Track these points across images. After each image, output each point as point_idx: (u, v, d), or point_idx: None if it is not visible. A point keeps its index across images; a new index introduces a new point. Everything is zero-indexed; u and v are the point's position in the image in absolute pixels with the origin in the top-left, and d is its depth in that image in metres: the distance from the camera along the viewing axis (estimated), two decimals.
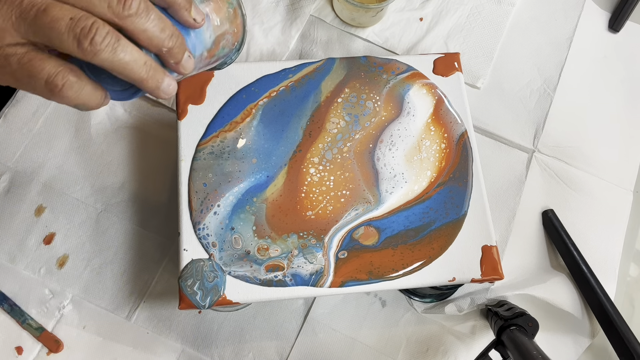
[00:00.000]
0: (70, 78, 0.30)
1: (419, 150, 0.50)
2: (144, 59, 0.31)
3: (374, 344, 0.53)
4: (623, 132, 0.62)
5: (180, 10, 0.33)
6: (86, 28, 0.28)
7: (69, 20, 0.28)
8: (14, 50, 0.29)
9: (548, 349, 0.47)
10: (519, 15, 0.66)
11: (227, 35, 0.39)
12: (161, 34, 0.31)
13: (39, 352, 0.51)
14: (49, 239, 0.54)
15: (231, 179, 0.47)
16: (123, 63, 0.30)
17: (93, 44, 0.28)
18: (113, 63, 0.29)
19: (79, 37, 0.28)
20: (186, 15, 0.33)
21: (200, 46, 0.36)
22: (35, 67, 0.29)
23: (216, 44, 0.38)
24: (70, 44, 0.28)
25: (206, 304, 0.43)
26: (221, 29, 0.38)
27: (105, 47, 0.29)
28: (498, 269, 0.46)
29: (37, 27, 0.28)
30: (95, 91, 0.31)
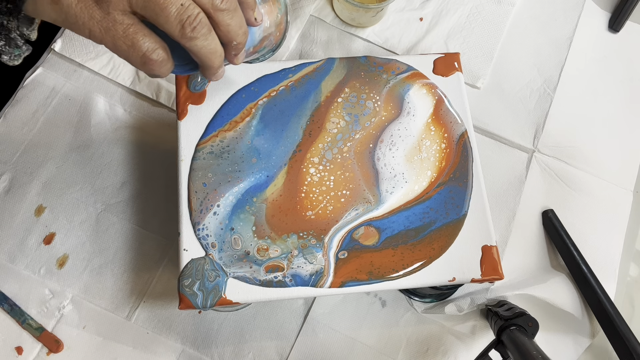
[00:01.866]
0: (163, 56, 0.33)
1: (419, 150, 0.50)
2: (220, 51, 0.35)
3: (374, 344, 0.53)
4: (623, 132, 0.62)
5: (247, 9, 0.36)
6: (192, 17, 0.32)
7: (180, 5, 0.31)
8: (122, 19, 0.32)
9: (548, 349, 0.47)
10: (519, 15, 0.66)
11: (271, 37, 0.42)
12: (239, 30, 0.35)
13: (39, 352, 0.51)
14: (49, 239, 0.54)
15: (231, 178, 0.47)
16: (206, 51, 0.34)
17: (194, 31, 0.32)
18: (200, 50, 0.34)
19: (184, 24, 0.32)
20: (250, 14, 0.37)
21: (250, 42, 0.40)
22: (138, 40, 0.32)
23: (261, 42, 0.41)
24: (174, 26, 0.32)
25: (206, 304, 0.43)
26: (268, 31, 0.41)
27: (200, 36, 0.33)
28: (498, 269, 0.46)
29: (150, 4, 0.31)
30: (171, 66, 0.35)
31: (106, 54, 0.60)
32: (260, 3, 0.40)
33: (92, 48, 0.60)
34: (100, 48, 0.60)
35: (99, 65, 0.59)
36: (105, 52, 0.60)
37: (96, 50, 0.60)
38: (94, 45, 0.60)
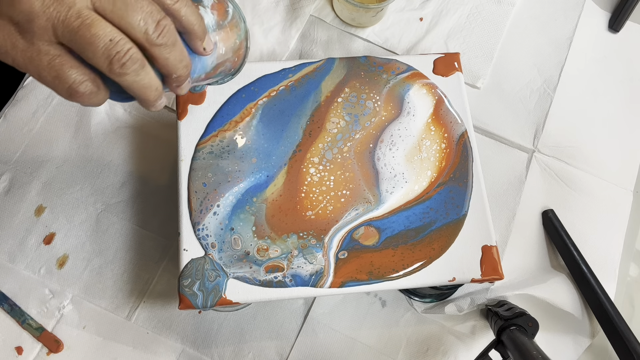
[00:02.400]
0: (92, 88, 0.31)
1: (419, 150, 0.50)
2: (155, 85, 0.33)
3: (374, 344, 0.53)
4: (623, 132, 0.62)
5: (194, 39, 0.35)
6: (121, 53, 0.30)
7: (108, 41, 0.30)
8: (47, 49, 0.30)
9: (548, 349, 0.47)
10: (519, 15, 0.66)
11: (227, 63, 0.41)
12: (178, 64, 0.33)
13: (39, 352, 0.51)
14: (49, 239, 0.54)
15: (231, 178, 0.47)
16: (139, 86, 0.32)
17: (123, 68, 0.30)
18: (132, 85, 0.32)
19: (112, 59, 0.30)
20: (198, 45, 0.36)
21: (201, 70, 0.38)
22: (64, 72, 0.30)
23: (214, 69, 0.40)
24: (102, 62, 0.30)
25: (206, 304, 0.43)
26: (224, 57, 0.40)
27: (131, 72, 0.31)
28: (498, 269, 0.46)
29: (77, 38, 0.29)
30: (104, 96, 0.33)
31: None
32: (215, 30, 0.38)
33: None
34: None
35: None
36: None
37: None
38: None
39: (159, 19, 0.31)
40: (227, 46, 0.40)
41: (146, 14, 0.30)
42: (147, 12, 0.30)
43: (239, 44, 0.41)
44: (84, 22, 0.29)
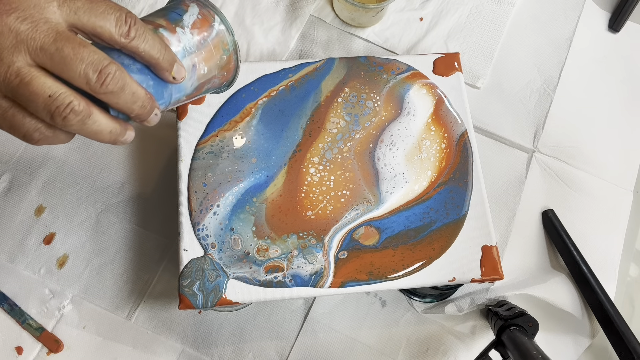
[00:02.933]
0: (47, 133, 0.32)
1: (419, 150, 0.50)
2: (109, 129, 0.33)
3: (374, 344, 0.53)
4: (623, 132, 0.62)
5: (160, 71, 0.34)
6: (61, 107, 0.30)
7: (47, 97, 0.30)
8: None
9: (548, 349, 0.47)
10: (519, 15, 0.66)
11: (215, 80, 0.40)
12: (132, 105, 0.33)
13: (39, 352, 0.51)
14: (49, 239, 0.54)
15: (231, 178, 0.47)
16: (89, 133, 0.32)
17: (65, 120, 0.31)
18: (80, 132, 0.32)
19: (52, 114, 0.30)
20: (166, 75, 0.35)
21: (179, 94, 0.37)
22: (16, 122, 0.31)
23: (198, 89, 0.39)
24: (44, 116, 0.31)
25: (206, 304, 0.43)
26: (207, 76, 0.39)
27: (76, 123, 0.31)
28: (498, 269, 0.46)
29: (18, 95, 0.30)
30: (66, 136, 0.34)
31: None
32: (195, 51, 0.37)
33: None
34: None
35: None
36: None
37: None
38: None
39: (101, 68, 0.31)
40: (211, 64, 0.38)
41: (87, 65, 0.30)
42: (87, 63, 0.30)
43: (226, 59, 0.39)
44: (23, 81, 0.30)
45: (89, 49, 0.30)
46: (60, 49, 0.30)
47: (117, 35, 0.32)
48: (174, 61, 0.35)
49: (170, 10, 0.38)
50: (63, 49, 0.30)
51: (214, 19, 0.38)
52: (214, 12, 0.38)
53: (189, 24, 0.37)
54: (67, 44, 0.30)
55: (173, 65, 0.35)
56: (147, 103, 0.34)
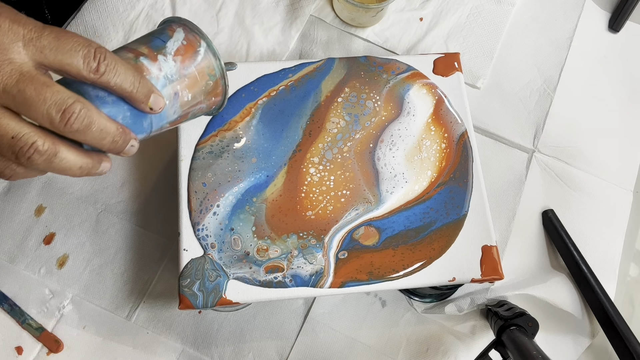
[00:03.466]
0: (18, 170, 0.32)
1: (420, 150, 0.50)
2: (79, 164, 0.33)
3: (374, 344, 0.53)
4: (623, 132, 0.62)
5: (135, 103, 0.34)
6: (25, 148, 0.30)
7: (11, 138, 0.30)
8: None
9: (548, 349, 0.47)
10: (519, 15, 0.66)
11: (201, 105, 0.39)
12: (102, 141, 0.33)
13: (39, 352, 0.51)
14: (49, 239, 0.54)
15: (231, 178, 0.47)
16: (57, 169, 0.32)
17: (30, 160, 0.31)
18: (48, 169, 0.32)
19: (17, 154, 0.30)
20: (143, 107, 0.34)
21: (161, 122, 0.37)
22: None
23: (183, 115, 0.38)
24: (9, 156, 0.31)
25: (206, 304, 0.43)
26: (192, 103, 0.38)
27: (41, 162, 0.31)
28: (498, 269, 0.46)
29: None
30: (38, 172, 0.34)
31: None
32: (177, 79, 0.36)
33: None
34: None
35: None
36: None
37: None
38: None
39: (65, 108, 0.30)
40: (196, 91, 0.37)
41: (49, 105, 0.30)
42: (50, 103, 0.30)
43: (212, 84, 0.38)
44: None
45: (52, 89, 0.30)
46: (22, 91, 0.30)
47: (86, 72, 0.31)
48: (151, 92, 0.34)
49: (155, 36, 0.37)
50: (25, 90, 0.30)
51: (200, 45, 0.37)
52: (200, 36, 0.37)
53: (172, 51, 0.36)
54: (30, 85, 0.30)
55: (149, 97, 0.34)
56: (119, 137, 0.33)
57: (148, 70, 0.35)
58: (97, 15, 0.61)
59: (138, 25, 0.61)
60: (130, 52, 0.35)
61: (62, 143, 0.32)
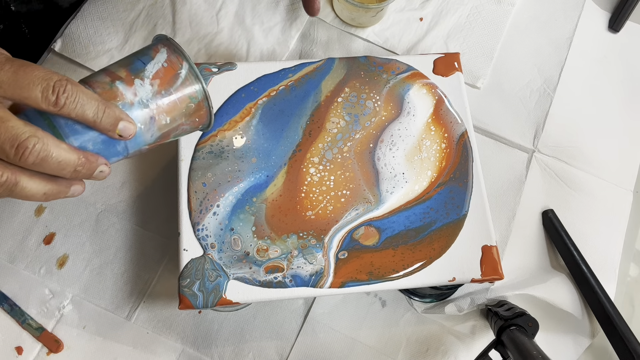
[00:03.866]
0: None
1: (420, 150, 0.50)
2: (42, 190, 0.34)
3: (374, 344, 0.53)
4: (623, 132, 0.62)
5: (102, 131, 0.34)
6: None
7: None
8: None
9: (548, 349, 0.47)
10: (519, 15, 0.66)
11: (184, 127, 0.38)
12: (61, 171, 0.33)
13: (39, 352, 0.51)
14: (49, 239, 0.54)
15: (230, 178, 0.47)
16: (21, 197, 0.33)
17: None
18: (12, 197, 0.33)
19: None
20: (111, 135, 0.35)
21: (138, 145, 0.36)
22: None
23: (163, 137, 0.37)
24: None
25: (206, 304, 0.43)
26: (172, 125, 0.37)
27: (2, 192, 0.32)
28: (498, 269, 0.46)
29: None
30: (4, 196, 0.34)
31: (106, 53, 0.60)
32: (153, 104, 0.35)
33: (92, 48, 0.60)
34: (100, 48, 0.60)
35: (99, 65, 0.59)
36: (105, 52, 0.60)
37: (96, 50, 0.60)
38: (93, 45, 0.60)
39: (18, 144, 0.31)
40: (175, 114, 0.36)
41: (3, 141, 0.31)
42: (4, 139, 0.31)
43: (194, 107, 0.37)
44: None
45: (7, 124, 0.31)
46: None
47: (45, 105, 0.32)
48: (118, 120, 0.34)
49: (137, 57, 0.36)
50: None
51: (181, 67, 0.36)
52: (183, 58, 0.36)
53: (151, 74, 0.35)
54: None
55: (116, 125, 0.34)
56: (81, 166, 0.34)
57: (122, 95, 0.35)
58: (97, 15, 0.61)
59: (138, 25, 0.61)
60: (108, 76, 0.35)
61: (23, 172, 0.32)
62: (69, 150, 0.33)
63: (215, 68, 0.50)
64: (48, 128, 0.33)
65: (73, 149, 0.33)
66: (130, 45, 0.60)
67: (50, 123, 0.33)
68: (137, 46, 0.60)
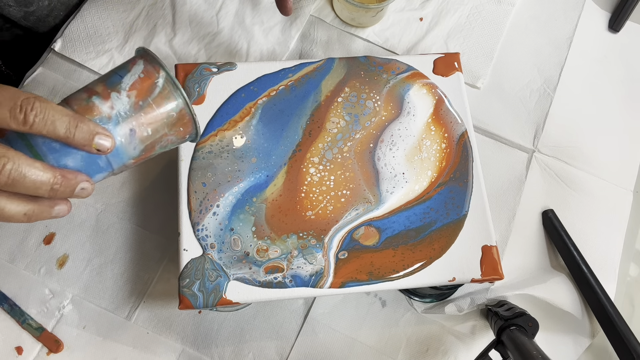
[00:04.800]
0: None
1: (420, 150, 0.50)
2: (23, 211, 0.33)
3: (374, 344, 0.53)
4: (623, 132, 0.62)
5: (77, 147, 0.34)
6: None
7: None
8: None
9: (548, 349, 0.47)
10: (519, 15, 0.66)
11: (169, 137, 0.37)
12: (37, 191, 0.33)
13: (39, 352, 0.51)
14: (49, 239, 0.54)
15: (230, 178, 0.47)
16: (1, 217, 0.33)
17: None
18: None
19: None
20: (88, 149, 0.34)
21: (122, 160, 0.36)
22: None
23: (148, 150, 0.37)
24: None
25: (206, 304, 0.43)
26: (154, 137, 0.36)
27: None
28: (498, 269, 0.46)
29: None
30: None
31: (106, 53, 0.60)
32: (131, 116, 0.35)
33: (92, 48, 0.60)
34: (100, 48, 0.60)
35: (99, 65, 0.59)
36: (105, 52, 0.60)
37: (96, 50, 0.60)
38: (94, 45, 0.60)
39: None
40: (157, 125, 0.36)
41: None
42: None
43: (176, 116, 0.36)
44: None
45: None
46: None
47: (15, 124, 0.32)
48: (93, 134, 0.34)
49: (115, 72, 0.36)
50: None
51: (158, 76, 0.35)
52: (159, 67, 0.36)
53: (127, 86, 0.35)
54: None
55: (92, 139, 0.33)
56: (59, 185, 0.33)
57: (98, 110, 0.34)
58: (97, 15, 0.61)
59: (138, 25, 0.61)
60: (86, 92, 0.35)
61: (1, 194, 0.32)
62: (43, 168, 0.32)
63: (215, 68, 0.50)
64: (26, 148, 0.32)
65: (48, 167, 0.33)
66: (130, 45, 0.60)
67: (28, 143, 0.33)
68: (137, 46, 0.60)
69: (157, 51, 0.60)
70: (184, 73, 0.50)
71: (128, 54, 0.60)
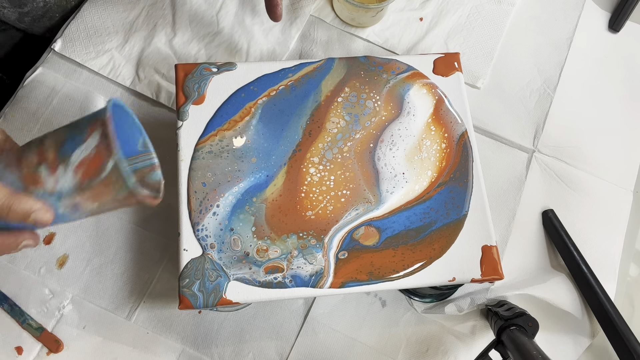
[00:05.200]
0: None
1: (420, 150, 0.50)
2: None
3: (374, 344, 0.53)
4: (623, 132, 0.62)
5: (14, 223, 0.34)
6: None
7: None
8: None
9: (548, 349, 0.47)
10: (519, 15, 0.66)
11: (121, 206, 0.36)
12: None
13: (39, 352, 0.51)
14: (49, 239, 0.54)
15: (230, 178, 0.47)
16: None
17: None
18: None
19: None
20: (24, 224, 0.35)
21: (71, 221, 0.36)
22: None
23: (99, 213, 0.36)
24: None
25: (206, 304, 0.43)
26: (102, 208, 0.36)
27: None
28: (498, 269, 0.46)
29: None
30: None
31: (106, 53, 0.60)
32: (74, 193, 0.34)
33: (92, 48, 0.60)
34: (100, 48, 0.60)
35: (99, 65, 0.59)
36: (105, 52, 0.60)
37: (96, 50, 0.60)
38: (94, 45, 0.60)
39: None
40: (103, 200, 0.35)
41: None
42: None
43: (125, 194, 0.34)
44: None
45: None
46: None
47: None
48: (28, 214, 0.34)
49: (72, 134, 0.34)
50: None
51: (108, 160, 0.33)
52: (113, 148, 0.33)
53: (76, 162, 0.33)
54: None
55: (27, 217, 0.34)
56: None
57: (42, 183, 0.34)
58: (97, 16, 0.61)
59: (138, 25, 0.61)
60: (37, 155, 0.34)
61: None
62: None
63: (215, 68, 0.50)
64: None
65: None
66: (130, 45, 0.60)
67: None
68: (137, 46, 0.60)
69: (157, 51, 0.60)
70: (184, 73, 0.50)
71: (128, 54, 0.60)
